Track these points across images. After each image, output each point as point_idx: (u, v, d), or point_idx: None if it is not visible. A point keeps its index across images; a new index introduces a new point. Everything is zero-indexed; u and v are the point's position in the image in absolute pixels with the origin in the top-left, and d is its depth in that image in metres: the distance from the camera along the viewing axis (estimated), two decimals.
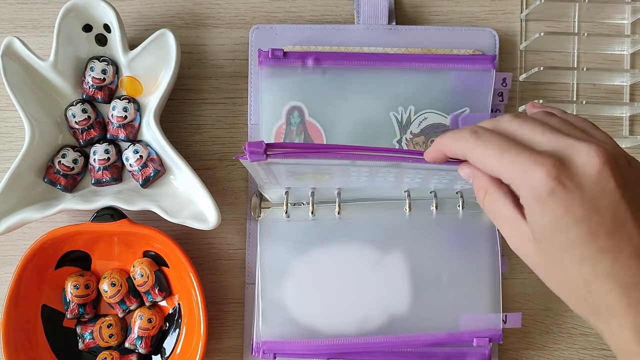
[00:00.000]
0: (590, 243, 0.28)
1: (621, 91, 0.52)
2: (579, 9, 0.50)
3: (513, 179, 0.30)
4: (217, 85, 0.50)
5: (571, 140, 0.29)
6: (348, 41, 0.49)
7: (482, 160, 0.31)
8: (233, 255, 0.50)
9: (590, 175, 0.28)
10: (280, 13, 0.50)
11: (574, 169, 0.28)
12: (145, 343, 0.47)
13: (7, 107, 0.50)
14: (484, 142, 0.31)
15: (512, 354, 0.50)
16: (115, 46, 0.46)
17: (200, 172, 0.46)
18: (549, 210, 0.28)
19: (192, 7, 0.50)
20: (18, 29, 0.50)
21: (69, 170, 0.47)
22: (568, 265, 0.29)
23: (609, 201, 0.28)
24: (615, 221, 0.28)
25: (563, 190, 0.28)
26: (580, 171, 0.28)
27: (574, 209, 0.28)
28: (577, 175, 0.28)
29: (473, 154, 0.31)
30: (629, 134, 0.51)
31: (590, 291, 0.29)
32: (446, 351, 0.46)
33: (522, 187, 0.29)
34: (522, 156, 0.29)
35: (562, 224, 0.28)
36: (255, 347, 0.46)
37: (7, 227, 0.45)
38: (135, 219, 0.47)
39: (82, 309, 0.47)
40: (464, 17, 0.51)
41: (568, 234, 0.28)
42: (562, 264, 0.29)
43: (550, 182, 0.28)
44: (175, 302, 0.48)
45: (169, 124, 0.50)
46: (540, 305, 0.50)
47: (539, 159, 0.29)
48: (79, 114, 0.47)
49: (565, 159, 0.29)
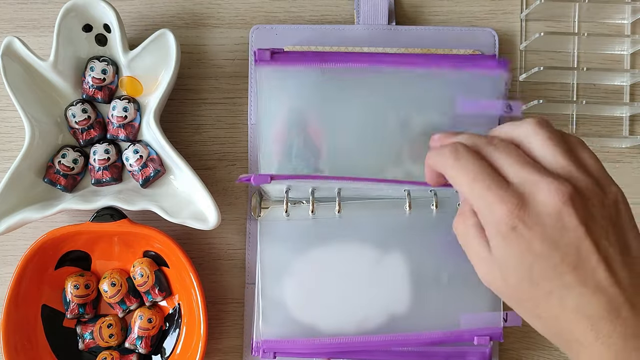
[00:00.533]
0: (554, 279, 0.28)
1: (621, 91, 0.52)
2: (579, 9, 0.50)
3: (480, 210, 0.30)
4: (217, 85, 0.50)
5: (536, 176, 0.29)
6: (348, 41, 0.49)
7: (455, 182, 0.31)
8: (233, 255, 0.50)
9: (550, 213, 0.28)
10: (280, 13, 0.50)
11: (535, 207, 0.29)
12: (145, 343, 0.47)
13: (7, 107, 0.50)
14: (460, 165, 0.31)
15: (513, 353, 0.50)
16: (115, 46, 0.46)
17: (200, 172, 0.46)
18: (511, 246, 0.29)
19: (192, 7, 0.50)
20: (18, 29, 0.50)
21: (69, 170, 0.47)
22: (536, 300, 0.29)
23: (571, 238, 0.28)
24: (578, 257, 0.28)
25: (524, 227, 0.29)
26: (541, 209, 0.29)
27: (535, 246, 0.28)
28: (538, 213, 0.29)
29: (449, 174, 0.32)
30: (629, 134, 0.51)
31: (560, 325, 0.29)
32: (446, 350, 0.46)
33: (487, 221, 0.30)
34: (489, 190, 0.29)
35: (524, 261, 0.29)
36: (255, 346, 0.46)
37: (7, 227, 0.45)
38: (135, 219, 0.47)
39: (82, 309, 0.47)
40: (463, 17, 0.51)
41: (532, 270, 0.29)
42: (531, 299, 0.30)
43: (512, 220, 0.29)
44: (175, 302, 0.48)
45: (169, 124, 0.50)
46: None
47: (505, 196, 0.29)
48: (79, 114, 0.47)
49: (528, 195, 0.29)
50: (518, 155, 0.30)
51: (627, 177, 0.51)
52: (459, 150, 0.31)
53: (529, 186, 0.29)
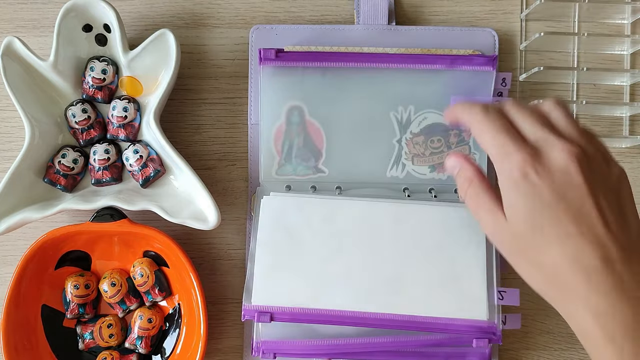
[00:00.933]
0: (557, 226, 0.31)
1: (621, 91, 0.52)
2: (579, 9, 0.50)
3: (497, 159, 0.33)
4: (217, 85, 0.50)
5: (552, 136, 0.33)
6: (348, 41, 0.49)
7: (480, 135, 0.35)
8: (233, 255, 0.50)
9: (560, 169, 0.32)
10: (280, 13, 0.50)
11: (548, 161, 0.32)
12: (145, 343, 0.47)
13: (7, 107, 0.50)
14: (488, 120, 0.34)
15: (512, 354, 0.50)
16: (115, 46, 0.46)
17: (200, 172, 0.46)
18: (521, 193, 0.32)
19: (192, 7, 0.50)
20: (18, 29, 0.50)
21: (69, 170, 0.47)
22: (538, 248, 0.32)
23: (576, 193, 0.32)
24: (580, 210, 0.31)
25: (535, 175, 0.32)
26: (552, 163, 0.32)
27: (543, 194, 0.32)
28: (549, 166, 0.32)
29: (476, 127, 0.35)
30: (629, 134, 0.51)
31: (557, 273, 0.32)
32: (446, 351, 0.46)
33: (502, 169, 0.33)
34: (509, 142, 0.33)
35: (533, 207, 0.32)
36: (255, 347, 0.46)
37: (7, 227, 0.45)
38: (135, 219, 0.47)
39: (82, 309, 0.47)
40: (463, 17, 0.51)
41: (537, 217, 0.32)
42: (533, 247, 0.32)
43: (525, 167, 0.32)
44: (175, 302, 0.48)
45: (169, 124, 0.50)
46: (540, 305, 0.50)
47: (522, 148, 0.33)
48: (79, 114, 0.47)
49: (542, 151, 0.33)
50: (539, 118, 0.34)
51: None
52: (489, 108, 0.35)
53: (545, 144, 0.33)
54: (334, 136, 0.47)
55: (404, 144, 0.48)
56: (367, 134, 0.47)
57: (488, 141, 0.34)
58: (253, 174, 0.49)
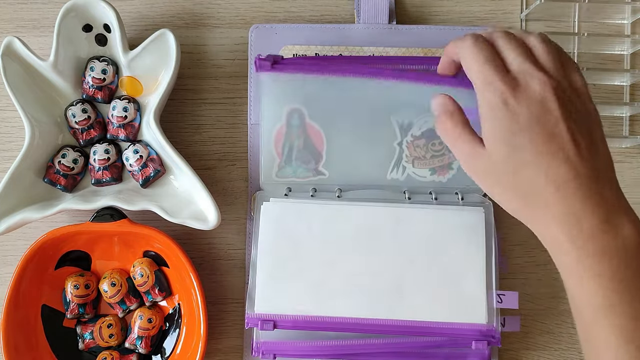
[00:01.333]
0: (532, 147, 0.34)
1: (621, 91, 0.52)
2: (579, 9, 0.50)
3: (481, 88, 0.36)
4: (217, 85, 0.50)
5: (532, 70, 0.35)
6: (348, 41, 0.49)
7: (469, 62, 0.37)
8: (233, 255, 0.50)
9: (536, 97, 0.34)
10: (280, 13, 0.50)
11: (527, 91, 0.35)
12: (145, 343, 0.47)
13: (7, 107, 0.50)
14: (477, 49, 0.36)
15: (512, 354, 0.50)
16: (115, 46, 0.46)
17: (200, 172, 0.46)
18: (500, 118, 0.35)
19: (192, 7, 0.50)
20: (18, 29, 0.50)
21: (69, 170, 0.47)
22: (515, 168, 0.34)
23: (550, 118, 0.34)
24: (552, 132, 0.34)
25: (514, 102, 0.34)
26: (530, 92, 0.35)
27: (521, 118, 0.34)
28: (527, 94, 0.35)
29: (465, 55, 0.37)
30: (629, 134, 0.51)
31: (530, 190, 0.34)
32: (446, 352, 0.46)
33: (484, 97, 0.35)
34: (493, 72, 0.35)
35: (510, 130, 0.34)
36: (255, 347, 0.46)
37: (7, 227, 0.45)
38: (135, 219, 0.47)
39: (82, 309, 0.47)
40: (463, 17, 0.51)
41: (515, 139, 0.34)
42: (510, 169, 0.35)
43: (505, 95, 0.34)
44: (175, 302, 0.48)
45: (169, 124, 0.50)
46: (540, 305, 0.50)
47: (505, 78, 0.35)
48: (79, 114, 0.47)
49: (522, 81, 0.35)
50: (523, 51, 0.36)
51: (627, 177, 0.51)
52: (478, 38, 0.37)
53: (525, 75, 0.35)
54: (334, 138, 0.47)
55: (404, 147, 0.47)
56: (367, 136, 0.47)
57: (475, 72, 0.36)
58: (253, 174, 0.49)
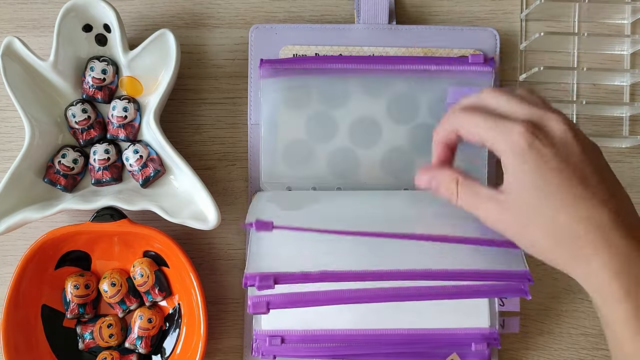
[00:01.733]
0: (567, 190, 0.33)
1: (621, 91, 0.52)
2: (579, 9, 0.50)
3: (498, 138, 0.34)
4: (217, 85, 0.50)
5: (543, 111, 0.34)
6: (348, 41, 0.49)
7: (471, 130, 0.35)
8: (233, 255, 0.50)
9: (560, 137, 0.33)
10: (280, 13, 0.50)
11: (548, 131, 0.33)
12: (145, 343, 0.47)
13: (7, 107, 0.50)
14: (471, 115, 0.35)
15: (512, 354, 0.50)
16: (115, 46, 0.46)
17: (200, 172, 0.46)
18: (528, 160, 0.33)
19: (192, 7, 0.50)
20: (18, 29, 0.50)
21: (69, 170, 0.47)
22: (548, 213, 0.33)
23: (577, 159, 0.33)
24: (583, 175, 0.33)
25: (540, 143, 0.33)
26: (552, 133, 0.33)
27: (550, 160, 0.33)
28: (550, 135, 0.33)
29: (464, 127, 0.36)
30: (629, 134, 0.51)
31: (569, 235, 0.33)
32: (446, 352, 0.46)
33: (504, 144, 0.34)
34: (503, 120, 0.34)
35: (541, 173, 0.33)
36: (255, 347, 0.46)
37: (7, 227, 0.45)
38: (135, 219, 0.47)
39: (82, 309, 0.47)
40: (464, 16, 0.51)
41: (546, 183, 0.33)
42: (542, 214, 0.33)
43: (529, 137, 0.33)
44: (175, 302, 0.48)
45: (169, 124, 0.50)
46: (540, 305, 0.50)
47: (519, 121, 0.34)
48: (79, 114, 0.47)
49: (539, 123, 0.34)
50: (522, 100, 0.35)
51: (627, 177, 0.51)
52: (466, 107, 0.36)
53: (538, 117, 0.34)
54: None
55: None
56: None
57: (482, 129, 0.35)
58: (253, 174, 0.49)
